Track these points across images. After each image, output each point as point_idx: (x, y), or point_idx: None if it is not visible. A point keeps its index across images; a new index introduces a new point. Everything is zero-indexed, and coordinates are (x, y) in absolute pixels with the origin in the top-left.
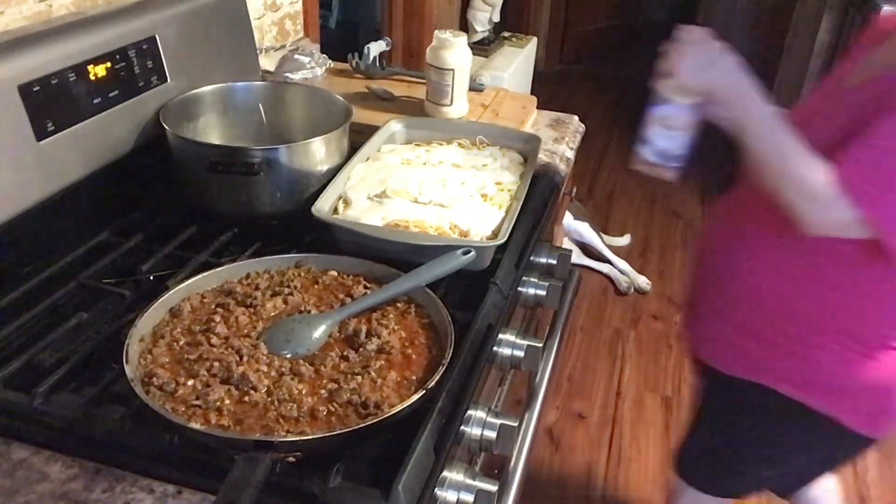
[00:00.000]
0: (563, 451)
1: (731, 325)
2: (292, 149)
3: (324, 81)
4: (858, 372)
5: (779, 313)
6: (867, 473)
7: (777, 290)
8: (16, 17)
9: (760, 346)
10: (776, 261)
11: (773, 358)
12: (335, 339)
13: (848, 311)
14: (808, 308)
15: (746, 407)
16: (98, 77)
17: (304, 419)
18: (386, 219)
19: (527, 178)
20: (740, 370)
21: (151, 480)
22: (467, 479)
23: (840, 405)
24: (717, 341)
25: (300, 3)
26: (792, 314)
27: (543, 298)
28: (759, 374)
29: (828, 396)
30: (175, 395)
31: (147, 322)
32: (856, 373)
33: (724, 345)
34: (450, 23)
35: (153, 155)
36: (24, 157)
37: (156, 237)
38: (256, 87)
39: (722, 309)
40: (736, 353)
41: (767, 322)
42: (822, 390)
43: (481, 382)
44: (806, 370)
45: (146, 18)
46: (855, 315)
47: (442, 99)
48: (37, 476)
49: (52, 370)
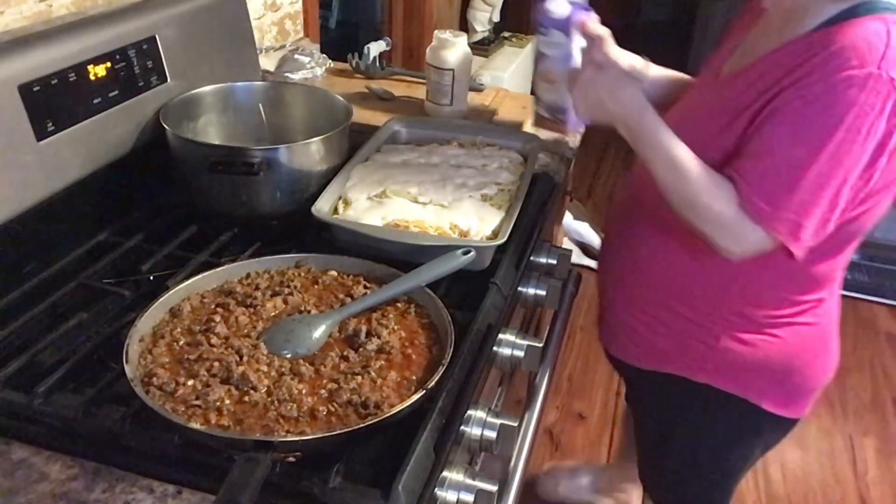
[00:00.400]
0: (563, 451)
1: (635, 317)
2: (292, 149)
3: (324, 81)
4: (763, 352)
5: (677, 300)
6: (867, 473)
7: (671, 276)
8: (16, 17)
9: (667, 337)
10: (666, 248)
11: (681, 347)
12: (335, 339)
13: (741, 292)
14: (702, 293)
15: (668, 403)
16: (98, 77)
17: (304, 419)
18: (386, 219)
19: (527, 178)
20: (653, 363)
21: (151, 480)
22: (467, 479)
23: (754, 388)
24: (626, 335)
25: (300, 3)
26: (689, 300)
27: (543, 298)
28: (673, 365)
29: (741, 380)
30: (175, 395)
31: (147, 322)
32: (762, 353)
33: (633, 339)
34: (450, 23)
35: (153, 155)
36: (24, 157)
37: (156, 237)
38: (256, 87)
39: (625, 301)
40: (647, 346)
41: (668, 311)
42: (734, 375)
43: (481, 382)
44: (713, 356)
45: (146, 18)
46: (749, 295)
47: (442, 99)
48: (37, 476)
49: (52, 370)
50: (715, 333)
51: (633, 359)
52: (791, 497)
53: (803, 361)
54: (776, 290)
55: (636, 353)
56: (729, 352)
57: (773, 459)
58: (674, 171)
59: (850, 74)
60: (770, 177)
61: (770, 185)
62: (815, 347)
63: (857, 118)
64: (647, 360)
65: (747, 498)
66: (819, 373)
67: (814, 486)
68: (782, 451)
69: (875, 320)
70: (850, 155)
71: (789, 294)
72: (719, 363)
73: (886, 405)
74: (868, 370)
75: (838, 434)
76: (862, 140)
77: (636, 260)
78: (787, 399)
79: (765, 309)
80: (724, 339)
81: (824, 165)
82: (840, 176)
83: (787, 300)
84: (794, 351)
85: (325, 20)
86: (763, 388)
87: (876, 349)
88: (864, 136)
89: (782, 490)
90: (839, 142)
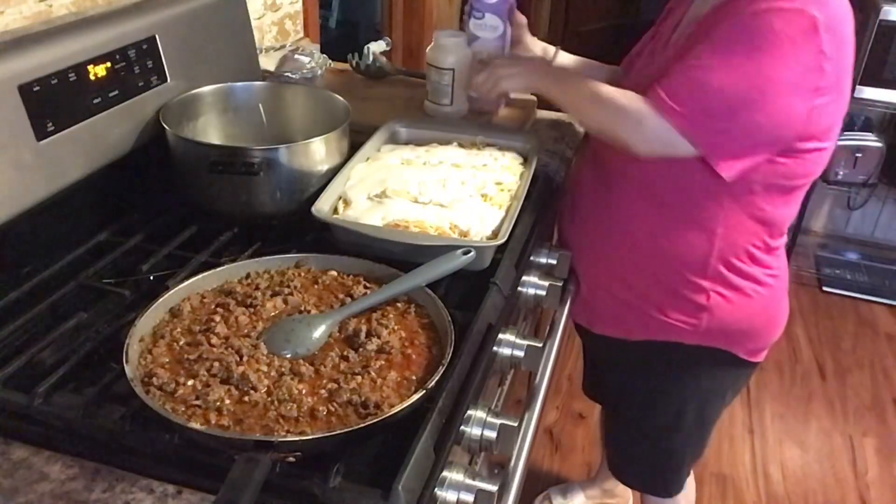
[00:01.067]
0: (563, 451)
1: (616, 291)
2: (292, 149)
3: (324, 81)
4: (747, 305)
5: (661, 265)
6: (867, 473)
7: (654, 242)
8: (16, 17)
9: (655, 304)
10: (635, 213)
11: (669, 312)
12: (335, 339)
13: (721, 246)
14: (687, 253)
15: (655, 370)
16: (98, 77)
17: (304, 419)
18: (386, 219)
19: (527, 178)
20: (640, 333)
21: (151, 480)
22: (467, 479)
23: (738, 341)
24: (611, 310)
25: (300, 3)
26: (675, 263)
27: (543, 298)
28: (659, 333)
29: (728, 336)
30: (175, 395)
31: (147, 322)
32: (745, 306)
33: (619, 312)
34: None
35: (153, 155)
36: (24, 157)
37: (156, 237)
38: (256, 87)
39: (610, 276)
40: (635, 317)
41: (648, 276)
42: (722, 331)
43: (481, 382)
44: (703, 316)
45: (146, 18)
46: (728, 249)
47: (442, 99)
48: (37, 476)
49: (52, 370)
50: (703, 293)
51: (623, 332)
52: (791, 497)
53: (775, 310)
54: (750, 238)
55: (625, 327)
56: (717, 309)
57: (773, 459)
58: (591, 98)
59: (775, 6)
60: (678, 77)
61: (675, 84)
62: (780, 296)
63: (775, 47)
64: (639, 332)
65: (747, 498)
66: (781, 319)
67: (814, 486)
68: (782, 451)
69: (875, 320)
70: (765, 78)
71: (761, 242)
72: (710, 323)
73: (886, 405)
74: (868, 370)
75: (838, 434)
76: (780, 68)
77: (614, 232)
78: (761, 346)
79: (744, 262)
80: (712, 298)
81: (732, 75)
82: (754, 97)
83: (761, 248)
84: (768, 301)
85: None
86: (743, 339)
87: (876, 349)
88: (781, 65)
89: (782, 490)
90: (755, 62)
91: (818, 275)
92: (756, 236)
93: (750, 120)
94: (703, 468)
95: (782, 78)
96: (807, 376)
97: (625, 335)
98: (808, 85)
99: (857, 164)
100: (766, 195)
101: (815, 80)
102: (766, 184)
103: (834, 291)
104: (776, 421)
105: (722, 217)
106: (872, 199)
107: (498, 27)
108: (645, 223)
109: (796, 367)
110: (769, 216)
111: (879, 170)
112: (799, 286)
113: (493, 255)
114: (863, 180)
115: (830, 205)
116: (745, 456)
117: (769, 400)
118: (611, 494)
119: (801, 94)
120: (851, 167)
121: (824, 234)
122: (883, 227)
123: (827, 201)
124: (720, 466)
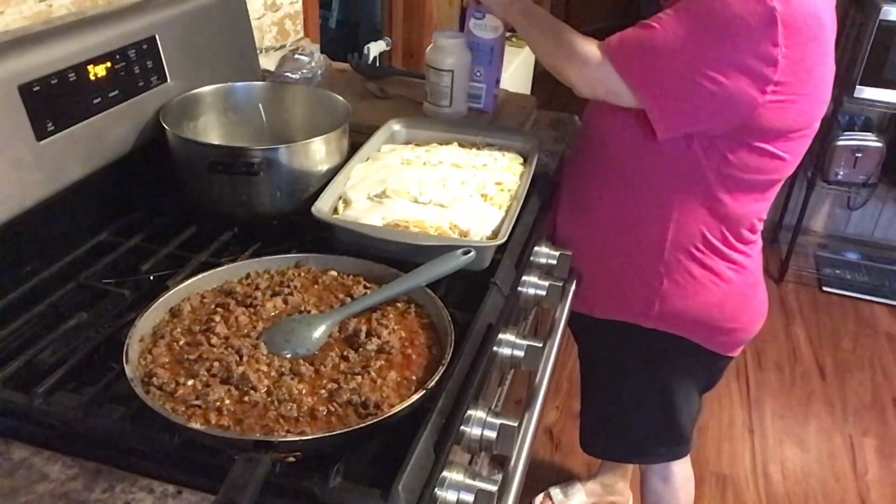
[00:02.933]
0: (563, 451)
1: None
2: (292, 149)
3: (324, 81)
4: (703, 296)
5: (617, 248)
6: (867, 473)
7: (608, 225)
8: (16, 17)
9: (617, 284)
10: (611, 196)
11: (629, 293)
12: (335, 339)
13: (679, 234)
14: (634, 240)
15: (613, 344)
16: (98, 77)
17: (304, 419)
18: (386, 219)
19: (527, 178)
20: (607, 312)
21: (151, 480)
22: (467, 479)
23: (695, 330)
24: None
25: (300, 3)
26: (627, 248)
27: (543, 298)
28: (619, 312)
29: (683, 324)
30: (175, 395)
31: (147, 322)
32: (701, 297)
33: (588, 288)
34: (450, 23)
35: (153, 155)
36: (24, 157)
37: (156, 237)
38: (256, 87)
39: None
40: (601, 294)
41: (612, 257)
42: (677, 319)
43: (481, 382)
44: (658, 301)
45: (146, 18)
46: (685, 238)
47: (441, 100)
48: (37, 476)
49: (52, 370)
50: (659, 278)
51: (587, 308)
52: (791, 497)
53: (740, 304)
54: (708, 229)
55: (590, 303)
56: (670, 295)
57: (773, 459)
58: (551, 35)
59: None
60: (633, 32)
61: (629, 37)
62: (746, 292)
63: (730, 27)
64: (601, 309)
65: (747, 498)
66: (751, 315)
67: (814, 486)
68: (782, 450)
69: (875, 320)
70: (716, 51)
71: (720, 234)
72: (663, 308)
73: (886, 405)
74: (868, 370)
75: (838, 434)
76: (730, 48)
77: (584, 211)
78: (731, 340)
79: (701, 252)
80: (666, 284)
81: (690, 47)
82: (701, 65)
83: (720, 240)
84: (728, 294)
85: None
86: (702, 329)
87: (876, 349)
88: (731, 45)
89: (782, 490)
90: (708, 33)
91: (818, 275)
92: (714, 228)
93: (695, 85)
94: (703, 468)
95: (731, 58)
96: (807, 376)
97: (589, 311)
98: (758, 71)
99: (857, 164)
100: (724, 189)
101: (767, 71)
102: (720, 175)
103: (834, 291)
104: (776, 421)
105: (678, 204)
106: (872, 199)
107: (498, 28)
108: (611, 205)
109: (796, 367)
110: (729, 211)
111: (879, 170)
112: (799, 286)
113: (493, 255)
114: (863, 180)
115: (830, 205)
116: (745, 456)
117: (769, 400)
118: (611, 491)
119: (751, 78)
120: (851, 167)
121: (824, 234)
122: (883, 227)
123: (827, 201)
124: (720, 466)
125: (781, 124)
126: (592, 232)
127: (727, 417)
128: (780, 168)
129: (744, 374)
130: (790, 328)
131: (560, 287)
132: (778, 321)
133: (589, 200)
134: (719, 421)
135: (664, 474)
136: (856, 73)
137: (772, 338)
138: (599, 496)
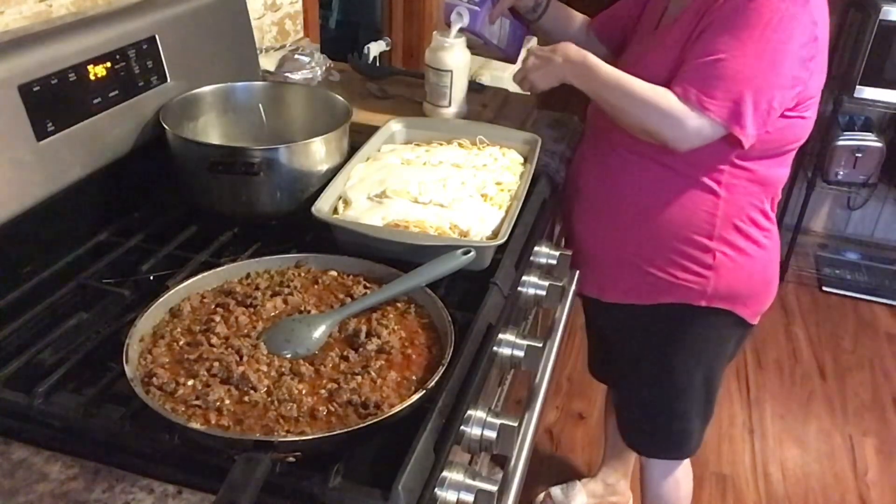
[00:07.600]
0: (563, 451)
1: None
2: (292, 149)
3: (324, 81)
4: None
5: (662, 230)
6: (867, 473)
7: (649, 208)
8: (16, 17)
9: (661, 267)
10: (643, 179)
11: (675, 275)
12: (335, 339)
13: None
14: (681, 219)
15: (661, 332)
16: (98, 77)
17: (304, 419)
18: (386, 219)
19: (527, 178)
20: (650, 297)
21: (151, 480)
22: (467, 479)
23: (743, 302)
24: (618, 278)
25: (300, 3)
26: (673, 228)
27: (543, 298)
28: (668, 295)
29: (734, 297)
30: (175, 395)
31: (147, 322)
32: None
33: (629, 279)
34: None
35: (153, 155)
36: (24, 157)
37: (156, 237)
38: (256, 87)
39: (616, 244)
40: (644, 282)
41: (656, 240)
42: (728, 293)
43: (481, 382)
44: (711, 278)
45: (146, 18)
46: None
47: (440, 100)
48: (37, 476)
49: (52, 370)
50: (711, 254)
51: (633, 297)
52: (791, 497)
53: (772, 271)
54: (751, 199)
55: (636, 292)
56: (723, 268)
57: (773, 459)
58: (623, 94)
59: None
60: (700, 70)
61: (701, 76)
62: (775, 257)
63: (780, 22)
64: (648, 296)
65: (747, 498)
66: (776, 280)
67: (814, 486)
68: (782, 450)
69: (875, 320)
70: (774, 52)
71: (759, 202)
72: (717, 284)
73: (886, 405)
74: (868, 370)
75: (838, 434)
76: (785, 40)
77: (620, 200)
78: (760, 308)
79: (745, 223)
80: (718, 258)
81: (750, 58)
82: (770, 71)
83: (758, 209)
84: (766, 261)
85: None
86: (746, 299)
87: (876, 349)
88: (786, 38)
89: (782, 490)
90: (763, 39)
91: (818, 275)
92: (756, 197)
93: (770, 95)
94: (703, 468)
95: (788, 50)
96: (807, 376)
97: (635, 300)
98: (806, 54)
99: (857, 164)
100: (763, 157)
101: (811, 50)
102: (759, 143)
103: (834, 291)
104: (776, 421)
105: (725, 180)
106: (872, 199)
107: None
108: (653, 189)
109: (796, 367)
110: (764, 176)
111: (879, 170)
112: (799, 286)
113: (493, 255)
114: (863, 180)
115: (830, 205)
116: (745, 456)
117: (769, 400)
118: (613, 491)
119: (803, 64)
120: (851, 167)
121: (824, 234)
122: (883, 227)
123: (827, 201)
124: (720, 466)
125: (810, 93)
126: (631, 220)
127: (727, 417)
128: (805, 130)
129: (744, 374)
130: (790, 328)
131: (560, 287)
132: (778, 321)
133: (620, 191)
134: (719, 421)
135: (664, 471)
136: (856, 73)
137: (772, 338)
138: (601, 496)
